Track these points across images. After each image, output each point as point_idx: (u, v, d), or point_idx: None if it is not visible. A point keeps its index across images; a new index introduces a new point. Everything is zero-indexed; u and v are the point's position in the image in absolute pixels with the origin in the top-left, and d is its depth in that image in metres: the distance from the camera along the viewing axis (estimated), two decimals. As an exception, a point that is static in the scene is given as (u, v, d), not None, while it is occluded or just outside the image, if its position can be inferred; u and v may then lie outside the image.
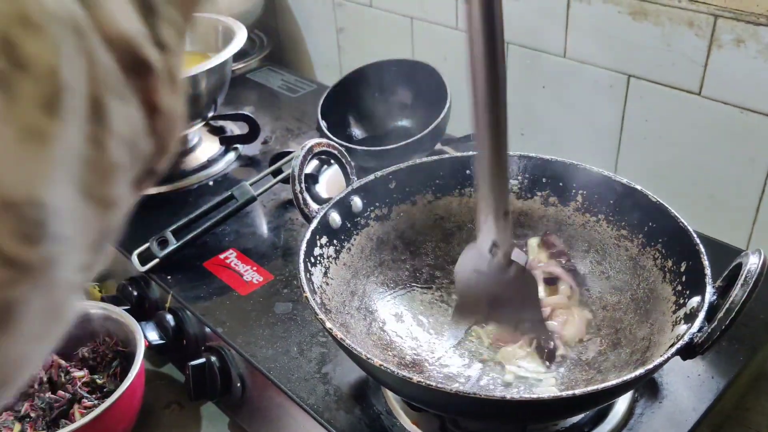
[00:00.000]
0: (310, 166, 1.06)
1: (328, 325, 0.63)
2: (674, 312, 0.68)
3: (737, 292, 0.59)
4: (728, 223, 1.02)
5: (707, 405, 0.74)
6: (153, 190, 1.12)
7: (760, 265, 0.60)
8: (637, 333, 0.73)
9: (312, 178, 1.06)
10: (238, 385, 0.84)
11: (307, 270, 0.71)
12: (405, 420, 0.73)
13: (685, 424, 0.72)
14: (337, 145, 0.84)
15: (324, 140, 0.83)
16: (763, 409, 0.84)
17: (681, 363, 0.76)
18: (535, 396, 0.56)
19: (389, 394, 0.75)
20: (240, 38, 1.11)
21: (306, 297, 0.67)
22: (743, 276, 0.60)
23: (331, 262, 0.76)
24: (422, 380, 0.57)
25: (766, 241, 0.99)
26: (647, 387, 0.75)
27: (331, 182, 1.06)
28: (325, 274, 0.75)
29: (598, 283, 0.80)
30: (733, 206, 1.01)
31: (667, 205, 0.74)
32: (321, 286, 0.73)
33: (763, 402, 0.85)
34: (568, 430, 0.71)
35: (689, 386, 0.76)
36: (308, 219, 0.77)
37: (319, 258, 0.75)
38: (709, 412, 0.74)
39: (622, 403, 0.73)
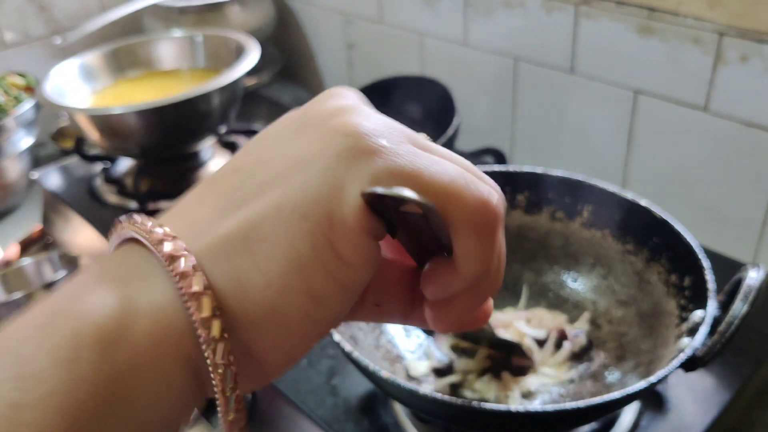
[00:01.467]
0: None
1: (337, 337, 0.64)
2: (678, 326, 0.69)
3: (737, 306, 0.60)
4: (735, 237, 1.02)
5: (712, 418, 0.74)
6: (166, 205, 1.14)
7: (759, 280, 0.61)
8: (642, 346, 0.73)
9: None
10: (249, 396, 0.85)
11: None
12: (413, 431, 0.74)
13: (690, 437, 0.73)
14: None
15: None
16: (767, 422, 0.85)
17: (686, 376, 0.77)
18: (539, 408, 0.57)
19: (397, 406, 0.76)
20: (253, 55, 1.13)
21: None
22: (743, 290, 0.61)
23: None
24: (428, 392, 0.58)
25: (772, 255, 1.00)
26: (652, 399, 0.76)
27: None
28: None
29: (604, 297, 0.81)
30: (739, 221, 1.01)
31: (671, 221, 0.75)
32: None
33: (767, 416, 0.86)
34: (573, 442, 0.72)
35: (694, 399, 0.77)
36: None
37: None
38: (714, 425, 0.74)
39: (627, 416, 0.74)
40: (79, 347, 0.26)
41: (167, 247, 0.28)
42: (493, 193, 0.30)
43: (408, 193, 0.27)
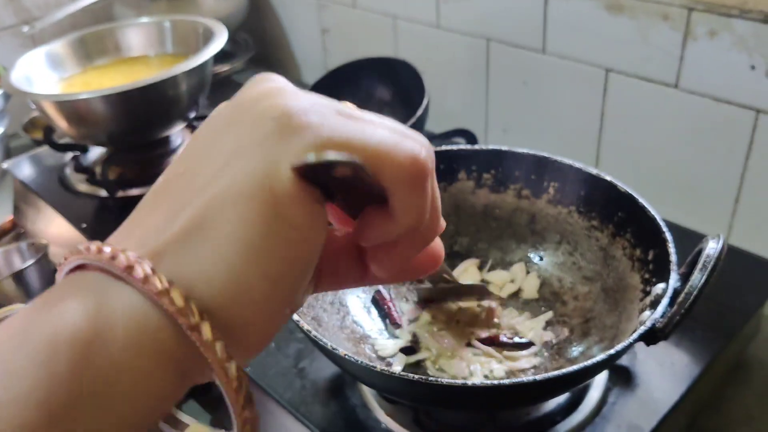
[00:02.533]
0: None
1: (296, 317, 0.64)
2: (641, 300, 0.69)
3: (696, 276, 0.60)
4: (708, 213, 1.02)
5: (681, 393, 0.74)
6: (136, 192, 1.13)
7: (718, 250, 0.61)
8: (606, 321, 0.73)
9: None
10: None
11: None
12: (380, 412, 0.74)
13: (658, 411, 0.72)
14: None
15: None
16: (741, 398, 0.85)
17: (655, 351, 0.77)
18: (496, 382, 0.57)
19: (364, 388, 0.76)
20: (220, 39, 1.12)
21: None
22: (702, 260, 0.60)
23: (304, 257, 0.77)
24: (385, 369, 0.58)
25: (745, 231, 0.99)
26: (620, 375, 0.76)
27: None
28: (298, 268, 0.75)
29: (570, 273, 0.81)
30: (712, 197, 1.01)
31: (636, 195, 0.74)
32: (293, 280, 0.73)
33: (742, 391, 0.86)
34: (540, 419, 0.72)
35: (663, 374, 0.76)
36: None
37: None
38: (684, 399, 0.74)
39: (595, 392, 0.74)
40: (56, 349, 0.27)
41: (122, 259, 0.29)
42: (420, 149, 0.32)
43: (333, 155, 0.29)
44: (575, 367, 0.56)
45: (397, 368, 0.74)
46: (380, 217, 0.33)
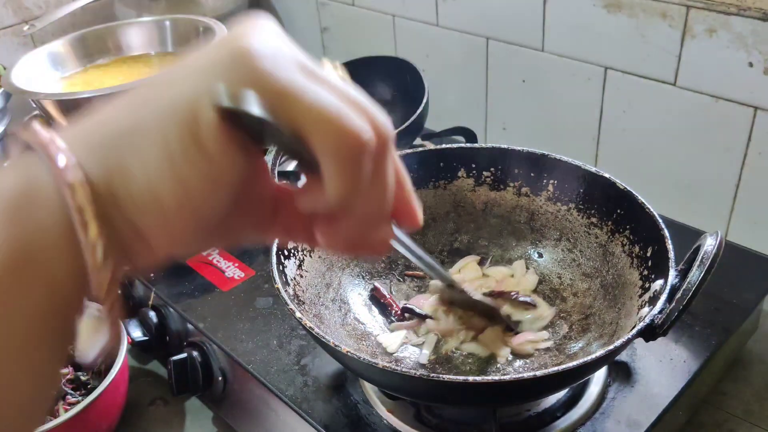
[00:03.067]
0: (294, 163, 1.07)
1: (298, 315, 0.64)
2: (640, 296, 0.69)
3: (694, 273, 0.60)
4: (707, 210, 1.03)
5: (680, 388, 0.75)
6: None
7: (716, 246, 0.61)
8: (606, 317, 0.74)
9: (295, 175, 1.07)
10: (220, 379, 0.85)
11: (279, 262, 0.72)
12: (381, 408, 0.74)
13: (657, 407, 0.73)
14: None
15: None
16: (739, 394, 0.85)
17: (654, 347, 0.77)
18: (497, 378, 0.57)
19: (366, 384, 0.76)
20: (221, 38, 1.12)
21: (278, 288, 0.68)
22: (700, 257, 0.61)
23: (305, 255, 0.77)
24: (387, 365, 0.58)
25: (743, 227, 1.00)
26: (620, 371, 0.77)
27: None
28: (300, 266, 0.76)
29: (569, 270, 0.82)
30: (710, 194, 1.02)
31: (634, 192, 0.75)
32: (295, 278, 0.74)
33: (740, 387, 0.86)
34: (540, 415, 0.72)
35: (662, 370, 0.77)
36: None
37: (293, 251, 0.76)
38: (682, 395, 0.75)
39: (594, 387, 0.74)
40: None
41: (51, 148, 0.32)
42: (362, 126, 0.32)
43: (247, 106, 0.31)
44: (575, 362, 0.57)
45: (425, 352, 0.75)
46: (314, 185, 0.34)
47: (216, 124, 0.31)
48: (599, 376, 0.75)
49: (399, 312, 0.80)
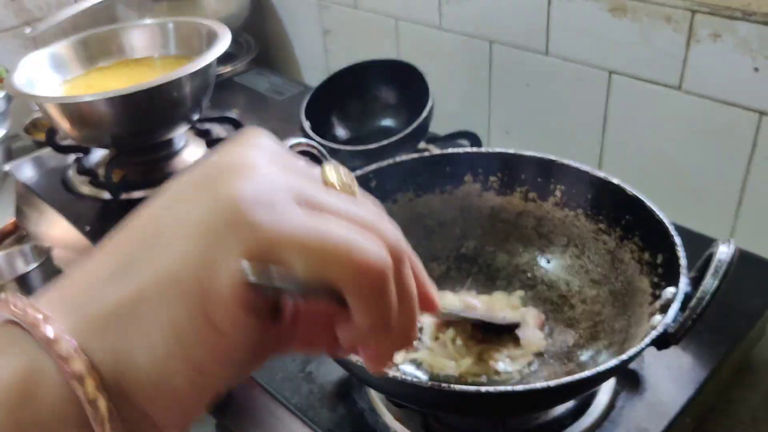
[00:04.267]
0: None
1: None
2: (650, 304, 0.69)
3: (707, 282, 0.60)
4: (711, 216, 1.02)
5: (688, 396, 0.74)
6: (140, 194, 1.13)
7: (730, 255, 0.61)
8: (615, 325, 0.73)
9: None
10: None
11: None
12: (388, 417, 0.73)
13: (666, 415, 0.72)
14: (317, 145, 0.84)
15: (304, 140, 0.84)
16: (747, 400, 0.85)
17: (662, 355, 0.77)
18: (509, 388, 0.57)
19: (372, 391, 0.76)
20: (224, 41, 1.12)
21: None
22: (713, 265, 0.60)
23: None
24: (397, 375, 0.58)
25: (749, 233, 0.99)
26: (628, 379, 0.76)
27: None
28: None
29: (577, 277, 0.81)
30: (715, 199, 1.01)
31: (643, 198, 0.74)
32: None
33: (747, 394, 0.86)
34: (548, 423, 0.72)
35: (671, 378, 0.76)
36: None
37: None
38: (691, 402, 0.74)
39: (603, 396, 0.74)
40: None
41: (48, 331, 0.29)
42: (378, 252, 0.31)
43: (270, 278, 0.29)
44: (588, 372, 0.57)
45: (423, 377, 0.74)
46: (345, 318, 0.32)
47: (231, 301, 0.29)
48: (608, 384, 0.75)
49: None
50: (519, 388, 0.57)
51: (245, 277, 0.29)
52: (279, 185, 0.31)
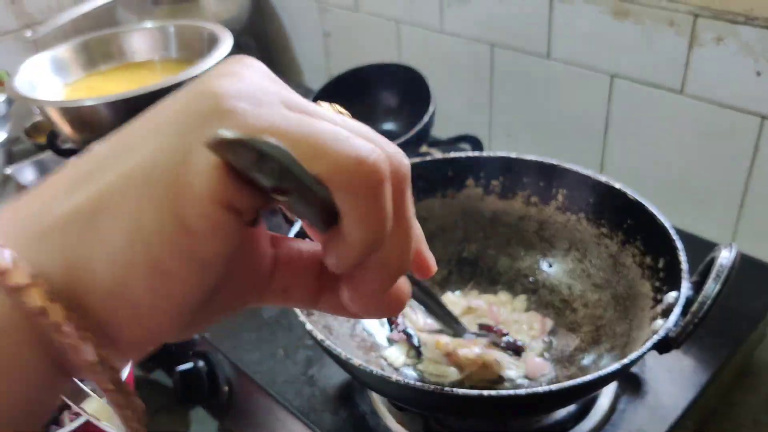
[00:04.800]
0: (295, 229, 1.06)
1: (309, 326, 0.64)
2: (652, 308, 0.69)
3: (709, 286, 0.60)
4: (713, 220, 1.02)
5: (690, 399, 0.74)
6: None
7: (732, 259, 0.61)
8: (617, 329, 0.73)
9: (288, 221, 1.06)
10: (226, 388, 0.84)
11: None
12: (390, 420, 0.74)
13: (668, 418, 0.72)
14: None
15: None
16: (748, 404, 0.85)
17: (664, 358, 0.76)
18: (512, 392, 0.57)
19: (374, 394, 0.76)
20: (226, 44, 1.12)
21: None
22: (715, 270, 0.60)
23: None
24: (400, 378, 0.58)
25: (750, 237, 0.99)
26: (630, 382, 0.76)
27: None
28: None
29: (579, 281, 0.81)
30: (717, 203, 1.01)
31: (645, 203, 0.74)
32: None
33: (749, 397, 0.86)
34: (550, 427, 0.72)
35: (672, 381, 0.76)
36: (290, 222, 0.78)
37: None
38: (693, 406, 0.74)
39: (604, 399, 0.74)
40: None
41: None
42: (371, 150, 0.27)
43: (251, 137, 0.24)
44: (590, 376, 0.57)
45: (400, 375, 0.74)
46: (336, 236, 0.29)
47: (206, 195, 0.26)
48: (610, 387, 0.75)
49: (398, 325, 0.79)
50: (521, 391, 0.57)
51: (216, 137, 0.24)
52: (265, 87, 0.29)
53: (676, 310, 0.61)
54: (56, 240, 0.27)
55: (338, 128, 0.28)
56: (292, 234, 0.73)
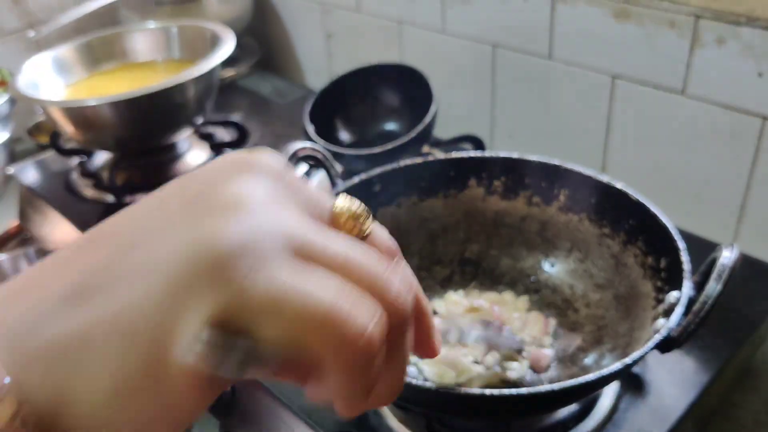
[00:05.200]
0: (299, 171, 1.06)
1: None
2: (654, 308, 0.69)
3: (710, 286, 0.60)
4: (714, 220, 1.02)
5: (691, 400, 0.74)
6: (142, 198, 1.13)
7: (733, 259, 0.61)
8: (619, 329, 0.73)
9: (303, 183, 1.07)
10: (228, 388, 0.85)
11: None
12: (392, 419, 0.74)
13: (669, 418, 0.72)
14: (320, 149, 0.85)
15: (308, 144, 0.84)
16: (749, 404, 0.85)
17: (665, 358, 0.77)
18: (514, 391, 0.57)
19: (375, 394, 0.76)
20: (228, 45, 1.12)
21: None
22: (717, 270, 0.61)
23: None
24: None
25: (752, 238, 0.99)
26: (631, 382, 0.76)
27: (321, 186, 1.07)
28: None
29: (581, 281, 0.81)
30: (718, 204, 1.01)
31: (647, 203, 0.74)
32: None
33: (750, 398, 0.86)
34: (552, 426, 0.72)
35: (674, 381, 0.77)
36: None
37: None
38: (694, 406, 0.74)
39: (606, 399, 0.74)
40: None
41: None
42: (365, 326, 0.27)
43: (236, 364, 0.26)
44: (592, 375, 0.57)
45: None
46: (317, 378, 0.30)
47: (184, 375, 0.27)
48: (611, 387, 0.75)
49: None
50: (523, 390, 0.57)
51: (202, 361, 0.26)
52: (271, 229, 0.28)
53: (678, 310, 0.61)
54: (44, 365, 0.27)
55: (334, 295, 0.27)
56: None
